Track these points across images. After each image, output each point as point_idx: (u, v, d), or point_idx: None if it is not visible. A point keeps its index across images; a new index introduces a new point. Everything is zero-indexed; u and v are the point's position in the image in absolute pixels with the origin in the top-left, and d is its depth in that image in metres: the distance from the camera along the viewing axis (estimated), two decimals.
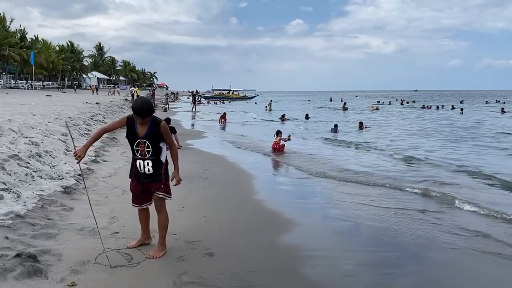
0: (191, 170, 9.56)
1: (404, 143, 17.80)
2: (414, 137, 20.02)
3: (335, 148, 15.90)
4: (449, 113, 40.49)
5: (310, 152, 14.01)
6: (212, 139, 17.46)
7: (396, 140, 18.75)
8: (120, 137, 14.75)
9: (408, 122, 29.44)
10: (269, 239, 5.42)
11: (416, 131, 23.30)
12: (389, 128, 25.36)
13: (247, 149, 14.54)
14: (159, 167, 4.54)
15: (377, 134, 21.40)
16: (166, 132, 4.51)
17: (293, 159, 12.41)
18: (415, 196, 8.20)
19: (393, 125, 27.54)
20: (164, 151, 4.60)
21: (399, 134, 21.57)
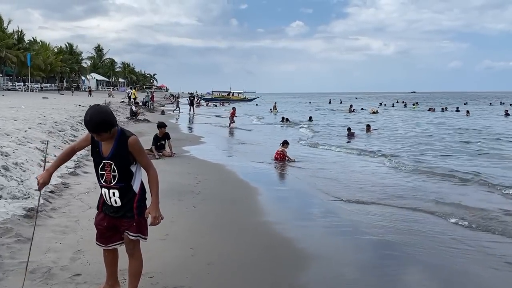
0: (182, 183, 8.46)
1: (428, 155, 14.93)
2: (433, 146, 17.60)
3: (348, 156, 14.66)
4: (455, 115, 39.19)
5: (323, 161, 13.05)
6: (210, 145, 16.31)
7: (413, 150, 16.39)
8: None
9: (421, 129, 26.31)
10: (279, 282, 4.29)
11: (434, 140, 19.75)
12: (400, 133, 23.67)
13: (249, 157, 13.43)
14: (130, 199, 3.40)
15: (390, 140, 20.03)
16: (139, 150, 3.37)
17: (303, 170, 11.29)
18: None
19: (402, 129, 25.91)
20: (138, 177, 3.46)
21: (414, 141, 19.59)
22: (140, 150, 3.38)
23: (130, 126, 21.35)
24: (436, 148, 16.95)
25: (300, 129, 25.52)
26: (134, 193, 3.40)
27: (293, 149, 13.82)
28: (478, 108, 53.35)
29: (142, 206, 3.44)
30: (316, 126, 27.56)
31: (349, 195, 8.17)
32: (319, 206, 7.59)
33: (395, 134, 22.85)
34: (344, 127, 24.29)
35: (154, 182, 3.43)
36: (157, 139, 12.03)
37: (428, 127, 26.96)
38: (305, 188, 9.12)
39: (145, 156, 3.43)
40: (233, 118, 25.83)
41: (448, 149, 16.65)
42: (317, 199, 8.11)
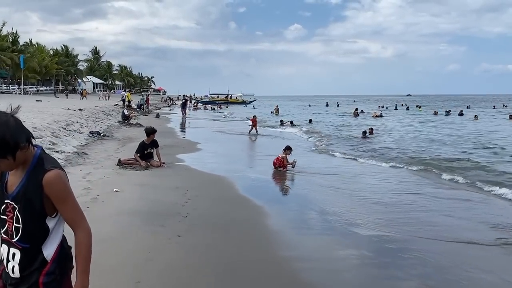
0: (167, 201, 7.11)
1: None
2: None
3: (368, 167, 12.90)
4: (462, 119, 37.52)
5: (340, 171, 11.76)
6: (207, 152, 14.80)
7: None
8: (91, 151, 12.31)
9: (439, 137, 22.56)
10: None
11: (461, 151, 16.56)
12: (413, 138, 21.63)
13: (252, 165, 12.10)
14: (35, 270, 2.02)
15: (409, 145, 18.15)
16: (61, 195, 2.00)
17: (315, 182, 9.97)
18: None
19: (413, 134, 23.81)
20: (56, 238, 2.07)
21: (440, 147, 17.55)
22: (64, 195, 2.01)
23: (121, 130, 20.02)
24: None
25: (303, 134, 24.05)
26: (44, 261, 2.03)
27: (306, 157, 12.57)
28: (484, 112, 51.86)
29: (54, 285, 2.06)
30: (324, 130, 25.87)
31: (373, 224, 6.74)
32: (352, 238, 5.91)
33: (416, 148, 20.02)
34: (344, 128, 22.99)
35: (83, 251, 2.05)
36: (143, 147, 10.69)
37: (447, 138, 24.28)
38: (324, 209, 7.49)
39: (73, 205, 2.05)
40: (256, 126, 23.29)
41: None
42: (343, 223, 6.71)
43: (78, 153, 11.21)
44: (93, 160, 10.77)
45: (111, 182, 8.23)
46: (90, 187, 7.68)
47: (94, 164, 10.22)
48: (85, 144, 13.16)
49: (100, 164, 10.23)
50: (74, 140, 13.25)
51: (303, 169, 11.24)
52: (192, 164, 11.54)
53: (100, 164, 10.23)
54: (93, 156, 11.39)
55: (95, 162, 10.51)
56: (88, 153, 11.60)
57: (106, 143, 14.59)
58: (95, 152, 12.17)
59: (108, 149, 13.10)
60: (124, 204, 6.71)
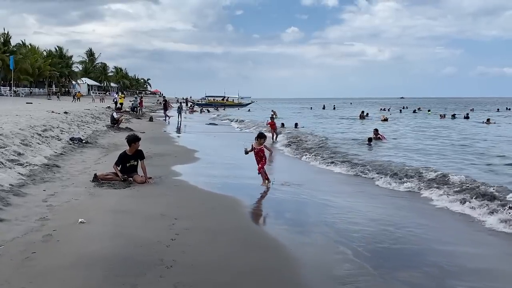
0: (147, 239, 5.26)
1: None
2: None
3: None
4: (474, 124, 35.42)
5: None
6: (205, 163, 12.80)
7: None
8: (66, 163, 10.46)
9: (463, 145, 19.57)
10: None
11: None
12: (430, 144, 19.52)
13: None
14: None
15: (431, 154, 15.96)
16: None
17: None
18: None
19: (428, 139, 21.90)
20: None
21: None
22: None
23: (108, 136, 18.16)
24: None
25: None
26: None
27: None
28: (489, 115, 50.13)
29: None
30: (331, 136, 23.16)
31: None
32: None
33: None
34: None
35: None
36: (125, 158, 8.86)
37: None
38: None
39: None
40: (275, 130, 20.72)
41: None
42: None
43: (47, 166, 9.34)
44: (64, 175, 8.92)
45: (79, 208, 6.41)
46: (47, 217, 5.85)
47: (64, 180, 8.37)
48: (60, 154, 11.31)
49: (71, 181, 8.39)
50: (48, 148, 11.41)
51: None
52: (186, 178, 9.65)
53: (71, 181, 8.39)
54: (66, 169, 9.55)
55: (66, 177, 8.66)
56: (61, 166, 9.75)
57: (87, 152, 12.75)
58: (70, 163, 10.32)
59: (87, 159, 11.25)
60: (86, 245, 4.88)
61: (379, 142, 18.87)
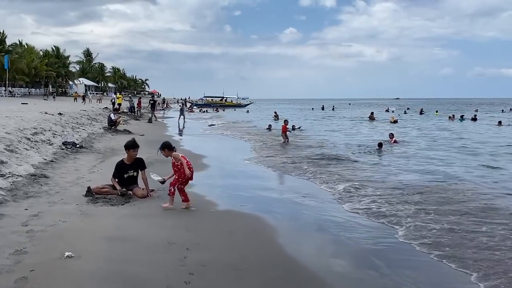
0: (151, 281, 4.03)
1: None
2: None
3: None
4: (485, 125, 34.07)
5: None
6: (217, 169, 11.48)
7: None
8: (56, 172, 9.21)
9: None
10: None
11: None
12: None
13: (294, 188, 9.05)
14: None
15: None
16: None
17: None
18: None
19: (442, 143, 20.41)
20: None
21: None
22: None
23: (105, 139, 16.90)
24: None
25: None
26: None
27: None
28: (497, 117, 48.90)
29: None
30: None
31: None
32: None
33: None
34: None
35: None
36: (122, 168, 7.63)
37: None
38: None
39: None
40: (286, 134, 19.32)
41: None
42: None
43: (34, 177, 8.09)
44: (53, 187, 7.67)
45: (67, 235, 5.18)
46: (25, 248, 4.62)
47: (52, 195, 7.12)
48: (50, 161, 10.05)
49: (61, 195, 7.14)
50: (36, 155, 10.16)
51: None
52: (195, 190, 8.38)
53: (61, 195, 7.14)
54: (56, 180, 8.29)
55: (55, 191, 7.42)
56: (50, 176, 8.49)
57: (81, 158, 11.49)
58: (61, 173, 9.07)
59: (80, 167, 10.00)
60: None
61: (393, 148, 17.53)
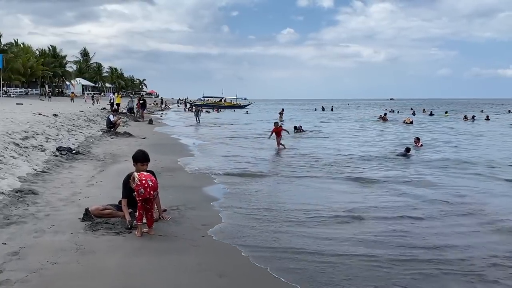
0: None
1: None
2: None
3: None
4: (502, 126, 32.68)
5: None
6: (257, 183, 9.47)
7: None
8: (48, 186, 7.73)
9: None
10: None
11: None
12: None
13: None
14: None
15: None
16: None
17: None
18: None
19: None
20: None
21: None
22: None
23: (104, 143, 15.40)
24: None
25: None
26: None
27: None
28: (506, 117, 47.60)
29: None
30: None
31: None
32: None
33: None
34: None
35: None
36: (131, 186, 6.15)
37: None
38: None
39: None
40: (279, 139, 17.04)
41: None
42: None
43: (20, 194, 6.61)
44: (42, 208, 6.19)
45: (56, 285, 3.73)
46: None
47: (41, 219, 5.65)
48: (41, 172, 8.57)
49: (51, 220, 5.68)
50: (25, 164, 8.68)
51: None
52: (216, 215, 6.89)
53: (51, 220, 5.68)
54: (47, 197, 6.81)
55: (45, 213, 5.95)
56: (40, 192, 7.00)
57: (78, 167, 10.01)
58: (53, 187, 7.59)
59: (76, 179, 8.52)
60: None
61: (420, 153, 15.95)
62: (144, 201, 5.37)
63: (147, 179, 5.36)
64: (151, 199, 5.42)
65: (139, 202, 5.38)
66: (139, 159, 5.89)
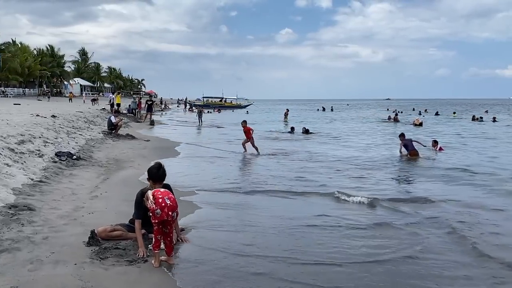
0: None
1: None
2: None
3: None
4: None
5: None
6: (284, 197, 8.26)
7: None
8: (46, 198, 6.81)
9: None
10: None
11: None
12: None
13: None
14: None
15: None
16: None
17: None
18: None
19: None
20: None
21: None
22: None
23: (106, 146, 14.48)
24: None
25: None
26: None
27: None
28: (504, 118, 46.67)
29: None
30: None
31: None
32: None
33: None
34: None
35: None
36: (145, 206, 5.17)
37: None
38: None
39: None
40: (251, 140, 14.81)
41: None
42: None
43: (13, 210, 5.69)
44: (39, 228, 5.26)
45: None
46: None
47: (38, 244, 4.71)
48: (39, 181, 7.65)
49: (50, 244, 4.75)
50: (20, 173, 7.76)
51: None
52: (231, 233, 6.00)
53: (50, 244, 4.75)
54: (44, 214, 5.89)
55: (43, 235, 5.02)
56: (37, 207, 6.07)
57: (79, 174, 9.09)
58: (52, 199, 6.66)
59: (78, 190, 7.60)
60: None
61: (441, 157, 14.99)
62: (161, 223, 4.47)
63: (164, 197, 4.45)
64: (169, 221, 4.52)
65: (155, 225, 4.48)
66: (155, 177, 4.93)
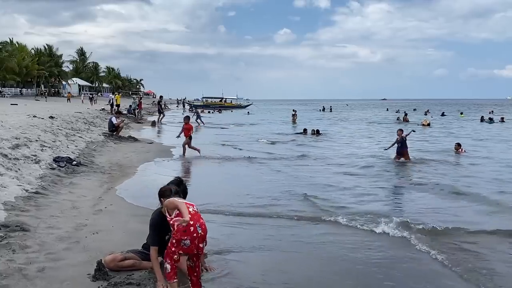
0: None
1: None
2: None
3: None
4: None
5: None
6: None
7: None
8: (43, 214, 5.90)
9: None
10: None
11: None
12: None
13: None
14: None
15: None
16: None
17: None
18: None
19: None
20: None
21: None
22: None
23: (107, 150, 13.54)
24: None
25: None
26: None
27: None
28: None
29: None
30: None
31: None
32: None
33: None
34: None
35: None
36: (162, 227, 4.18)
37: None
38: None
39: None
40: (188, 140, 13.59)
41: None
42: None
43: (4, 231, 4.78)
44: (35, 255, 4.35)
45: None
46: None
47: (31, 280, 3.80)
48: (35, 193, 6.74)
49: (47, 279, 3.85)
50: (14, 183, 6.85)
51: None
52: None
53: (47, 279, 3.85)
54: (41, 235, 4.98)
55: (39, 264, 4.11)
56: (33, 226, 5.17)
57: (80, 183, 8.18)
58: (49, 215, 5.76)
59: (79, 202, 6.69)
60: None
61: (463, 161, 14.12)
62: (186, 255, 3.57)
63: (196, 225, 3.50)
64: (198, 254, 3.60)
65: (174, 254, 3.53)
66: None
